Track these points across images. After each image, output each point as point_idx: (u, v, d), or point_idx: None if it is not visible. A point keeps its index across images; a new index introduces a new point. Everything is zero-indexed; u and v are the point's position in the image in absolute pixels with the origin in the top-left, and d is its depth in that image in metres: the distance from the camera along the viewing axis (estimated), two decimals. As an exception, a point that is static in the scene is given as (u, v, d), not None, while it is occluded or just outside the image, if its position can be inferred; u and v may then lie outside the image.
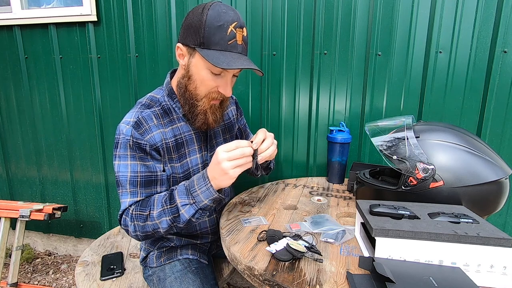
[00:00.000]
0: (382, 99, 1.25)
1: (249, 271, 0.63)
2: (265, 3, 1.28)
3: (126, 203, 0.80)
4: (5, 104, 1.74)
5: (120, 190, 0.81)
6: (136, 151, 0.80)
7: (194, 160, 0.91)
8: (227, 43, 0.73)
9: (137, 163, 0.80)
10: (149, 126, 0.82)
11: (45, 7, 1.58)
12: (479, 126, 1.17)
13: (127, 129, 0.79)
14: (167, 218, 0.75)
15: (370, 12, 1.20)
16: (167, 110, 0.87)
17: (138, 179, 0.80)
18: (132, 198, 0.80)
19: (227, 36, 0.73)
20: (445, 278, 0.51)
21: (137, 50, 1.47)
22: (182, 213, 0.74)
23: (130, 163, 0.80)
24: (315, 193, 1.07)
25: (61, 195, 1.79)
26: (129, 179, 0.80)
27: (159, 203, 0.76)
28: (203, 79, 0.78)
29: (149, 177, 0.81)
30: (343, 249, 0.69)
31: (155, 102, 0.87)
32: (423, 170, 0.72)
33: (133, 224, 0.78)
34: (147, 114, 0.83)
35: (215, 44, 0.73)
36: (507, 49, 1.10)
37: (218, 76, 0.78)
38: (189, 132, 0.90)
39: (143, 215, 0.77)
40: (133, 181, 0.80)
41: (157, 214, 0.76)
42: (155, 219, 0.76)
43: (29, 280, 1.68)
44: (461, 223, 0.61)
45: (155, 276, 0.90)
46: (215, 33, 0.72)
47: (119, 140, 0.80)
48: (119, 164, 0.80)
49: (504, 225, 1.21)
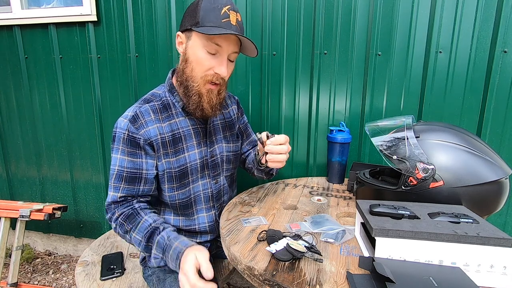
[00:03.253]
0: (382, 99, 1.25)
1: (249, 271, 0.63)
2: (265, 3, 1.28)
3: (109, 198, 0.83)
4: (5, 104, 1.74)
5: (109, 182, 0.85)
6: (128, 146, 0.82)
7: (192, 155, 0.91)
8: (220, 21, 0.77)
9: (125, 159, 0.82)
10: (145, 121, 0.83)
11: (45, 7, 1.58)
12: (479, 126, 1.17)
13: (124, 123, 0.82)
14: (142, 249, 0.79)
15: (370, 12, 1.20)
16: (166, 105, 0.89)
17: (124, 174, 0.82)
18: (114, 192, 0.83)
19: (221, 16, 0.77)
20: (445, 278, 0.51)
21: (137, 50, 1.47)
22: (151, 259, 0.79)
23: (119, 157, 0.82)
24: (315, 193, 1.07)
25: (61, 195, 1.79)
26: (115, 173, 0.83)
27: (141, 231, 0.79)
28: (199, 59, 0.80)
29: (134, 173, 0.83)
30: (343, 249, 0.69)
31: (156, 97, 0.90)
32: (423, 170, 0.72)
33: (115, 226, 0.82)
34: (145, 109, 0.85)
35: (209, 22, 0.76)
36: (507, 49, 1.10)
37: (213, 56, 0.81)
38: (188, 128, 0.90)
39: (125, 228, 0.80)
40: (119, 176, 0.82)
41: (134, 238, 0.80)
42: (131, 240, 0.81)
43: (29, 280, 1.68)
44: (461, 223, 0.61)
45: (154, 276, 0.90)
46: (210, 13, 0.77)
47: (115, 134, 0.83)
48: (112, 157, 0.84)
49: (504, 225, 1.21)
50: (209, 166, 0.95)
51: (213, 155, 0.96)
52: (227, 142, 1.01)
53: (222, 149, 0.99)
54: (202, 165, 0.93)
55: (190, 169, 0.91)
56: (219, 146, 0.98)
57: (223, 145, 0.99)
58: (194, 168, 0.91)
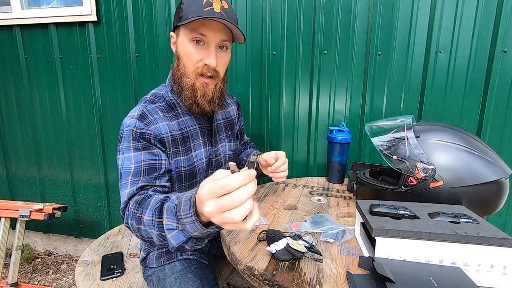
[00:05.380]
0: (382, 99, 1.25)
1: (249, 271, 0.63)
2: (265, 3, 1.28)
3: (125, 196, 0.72)
4: (5, 104, 1.74)
5: (121, 182, 0.75)
6: (140, 141, 0.77)
7: (199, 154, 0.91)
8: (202, 10, 0.75)
9: (141, 153, 0.77)
10: (154, 118, 0.81)
11: (45, 7, 1.58)
12: (479, 126, 1.17)
13: (132, 121, 0.78)
14: (155, 232, 0.60)
15: (370, 12, 1.20)
16: (171, 105, 0.87)
17: (141, 168, 0.75)
18: (131, 187, 0.73)
19: (202, 5, 0.75)
20: (445, 278, 0.51)
21: (137, 50, 1.47)
22: (168, 238, 0.57)
23: (133, 154, 0.77)
24: (315, 193, 1.07)
25: (61, 195, 1.79)
26: (133, 171, 0.75)
27: (151, 209, 0.62)
28: (187, 53, 0.80)
29: (152, 164, 0.77)
30: (343, 249, 0.69)
31: (159, 98, 0.87)
32: (423, 170, 0.72)
33: (130, 223, 0.68)
34: (152, 108, 0.83)
35: (191, 13, 0.75)
36: (507, 49, 1.10)
37: (201, 47, 0.80)
38: (194, 126, 0.90)
39: (137, 216, 0.65)
40: (137, 171, 0.75)
41: (147, 221, 0.62)
42: (145, 226, 0.63)
43: (29, 280, 1.68)
44: (461, 223, 0.61)
45: (154, 276, 0.90)
46: (192, 5, 0.76)
47: (123, 134, 0.78)
48: (124, 158, 0.76)
49: (504, 225, 1.21)
50: (213, 166, 0.95)
51: (217, 155, 0.96)
52: (229, 141, 1.02)
53: (225, 148, 0.99)
54: (207, 164, 0.93)
55: (198, 169, 0.90)
56: (222, 146, 0.98)
57: (226, 144, 1.00)
58: (201, 167, 0.91)
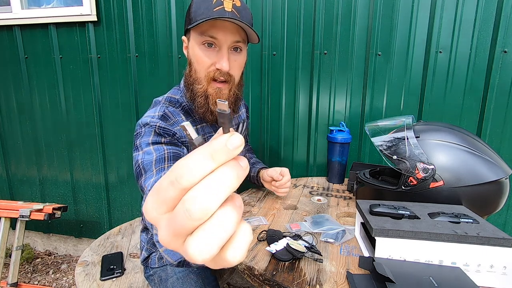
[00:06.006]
0: (382, 99, 1.25)
1: (249, 271, 0.63)
2: (265, 3, 1.28)
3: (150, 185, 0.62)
4: (5, 104, 1.74)
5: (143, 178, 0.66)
6: (164, 136, 0.72)
7: None
8: (212, 11, 0.69)
9: (162, 146, 0.70)
10: (177, 120, 0.77)
11: (45, 7, 1.58)
12: (479, 126, 1.17)
13: (153, 120, 0.73)
14: None
15: (370, 12, 1.20)
16: (188, 111, 0.84)
17: (165, 156, 0.68)
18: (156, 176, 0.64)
19: (212, 5, 0.70)
20: (445, 278, 0.51)
21: (137, 50, 1.47)
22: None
23: (153, 147, 0.70)
24: (315, 193, 1.07)
25: (61, 195, 1.79)
26: (155, 159, 0.67)
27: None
28: (199, 57, 0.75)
29: (178, 154, 0.71)
30: (343, 249, 0.69)
31: (175, 102, 0.83)
32: (423, 170, 0.72)
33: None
34: (173, 110, 0.79)
35: (200, 15, 0.70)
36: (507, 49, 1.10)
37: (212, 50, 0.74)
38: (211, 134, 0.87)
39: None
40: (160, 159, 0.68)
41: None
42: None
43: (29, 280, 1.68)
44: (461, 223, 0.61)
45: (156, 276, 0.90)
46: (201, 6, 0.71)
47: (141, 131, 0.73)
48: (143, 152, 0.69)
49: (504, 225, 1.21)
50: None
51: None
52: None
53: None
54: None
55: None
56: None
57: None
58: None
